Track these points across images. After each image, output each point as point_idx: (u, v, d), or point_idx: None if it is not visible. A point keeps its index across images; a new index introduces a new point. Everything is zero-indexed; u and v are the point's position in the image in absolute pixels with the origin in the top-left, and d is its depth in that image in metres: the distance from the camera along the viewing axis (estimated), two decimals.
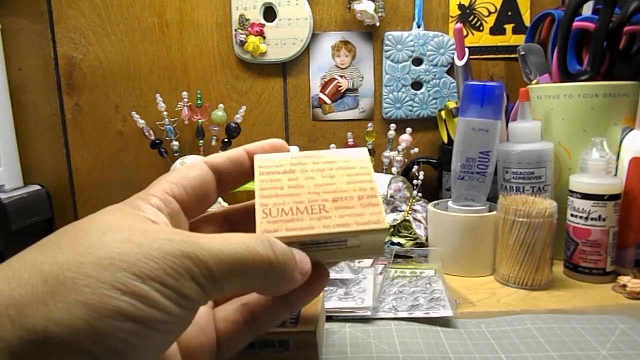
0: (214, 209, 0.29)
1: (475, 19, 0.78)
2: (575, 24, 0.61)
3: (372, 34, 0.79)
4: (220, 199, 0.69)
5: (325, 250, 0.26)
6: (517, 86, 0.65)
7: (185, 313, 0.19)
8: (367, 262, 0.56)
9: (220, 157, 0.26)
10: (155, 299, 0.17)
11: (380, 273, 0.53)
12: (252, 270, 0.20)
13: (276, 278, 0.21)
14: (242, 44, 0.76)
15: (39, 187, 0.74)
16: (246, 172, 0.27)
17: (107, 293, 0.16)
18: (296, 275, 0.22)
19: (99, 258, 0.17)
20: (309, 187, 0.27)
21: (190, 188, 0.24)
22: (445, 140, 0.75)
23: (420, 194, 0.67)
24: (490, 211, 0.58)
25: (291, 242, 0.24)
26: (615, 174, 0.55)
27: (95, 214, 0.20)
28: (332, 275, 0.51)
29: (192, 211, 0.25)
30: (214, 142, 0.75)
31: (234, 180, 0.27)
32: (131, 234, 0.19)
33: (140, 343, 0.17)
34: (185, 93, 0.74)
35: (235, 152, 0.27)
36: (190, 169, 0.25)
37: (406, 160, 0.73)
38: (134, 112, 0.74)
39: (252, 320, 0.24)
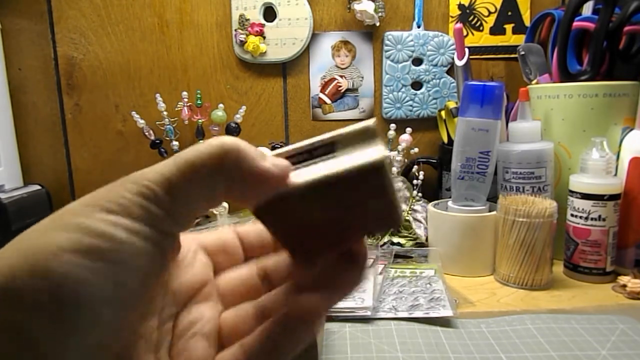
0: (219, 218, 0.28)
1: (475, 19, 0.78)
2: (575, 24, 0.61)
3: (372, 34, 0.79)
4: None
5: (315, 166, 0.21)
6: (517, 86, 0.65)
7: (139, 240, 0.18)
8: (367, 262, 0.56)
9: (247, 228, 0.25)
10: (101, 229, 0.17)
11: (380, 273, 0.53)
12: (207, 162, 0.19)
13: (235, 163, 0.19)
14: (242, 44, 0.76)
15: (39, 187, 0.74)
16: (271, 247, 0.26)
17: (50, 234, 0.17)
18: (265, 163, 0.20)
19: (55, 214, 0.18)
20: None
21: (214, 244, 0.25)
22: (445, 140, 0.75)
23: (420, 194, 0.67)
24: (490, 211, 0.58)
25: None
26: (615, 174, 0.55)
27: None
28: None
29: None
30: None
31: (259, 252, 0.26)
32: (94, 191, 0.19)
33: (94, 276, 0.16)
34: (185, 93, 0.74)
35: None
36: (219, 231, 0.25)
37: (406, 160, 0.72)
38: (134, 112, 0.74)
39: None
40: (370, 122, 0.21)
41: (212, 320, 0.24)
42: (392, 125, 0.71)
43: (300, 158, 0.21)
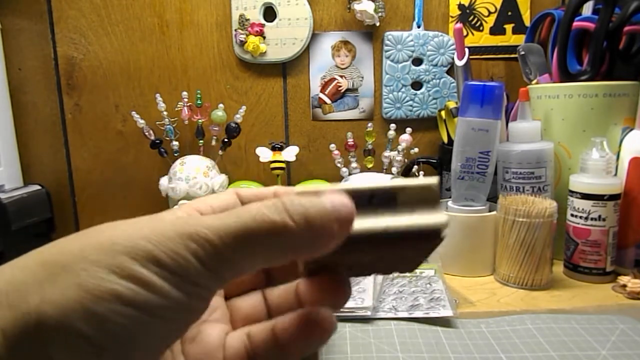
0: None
1: (475, 19, 0.78)
2: (575, 24, 0.61)
3: (372, 34, 0.79)
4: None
5: (372, 215, 0.21)
6: (517, 86, 0.65)
7: (189, 298, 0.17)
8: None
9: (249, 192, 0.24)
10: (153, 282, 0.16)
11: None
12: (264, 238, 0.18)
13: (303, 239, 0.18)
14: (242, 44, 0.76)
15: (39, 187, 0.74)
16: None
17: (103, 276, 0.16)
18: (331, 226, 0.18)
19: (100, 242, 0.17)
20: None
21: (217, 208, 0.23)
22: (445, 140, 0.75)
23: None
24: (490, 211, 0.58)
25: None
26: (615, 174, 0.55)
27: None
28: None
29: None
30: (214, 142, 0.75)
31: None
32: (138, 221, 0.18)
33: (141, 330, 0.16)
34: (185, 93, 0.74)
35: (265, 191, 0.24)
36: (220, 195, 0.23)
37: (406, 160, 0.72)
38: (134, 112, 0.74)
39: (253, 354, 0.22)
40: (433, 181, 0.21)
41: (220, 306, 0.24)
42: (392, 125, 0.71)
43: (359, 201, 0.20)
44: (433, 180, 0.21)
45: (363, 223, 0.20)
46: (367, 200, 0.21)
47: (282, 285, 0.25)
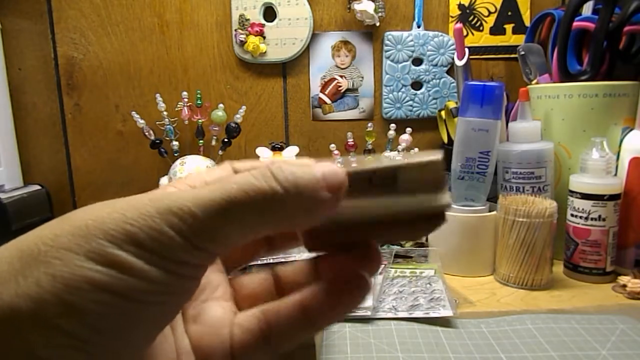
0: None
1: (475, 19, 0.78)
2: (575, 24, 0.61)
3: (372, 34, 0.79)
4: None
5: (372, 197, 0.20)
6: (517, 86, 0.65)
7: (175, 278, 0.16)
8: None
9: (244, 165, 0.23)
10: (132, 264, 0.15)
11: (380, 273, 0.53)
12: (252, 207, 0.17)
13: (293, 208, 0.17)
14: (242, 44, 0.76)
15: (39, 187, 0.74)
16: None
17: (78, 263, 0.15)
18: (322, 194, 0.17)
19: (74, 228, 0.16)
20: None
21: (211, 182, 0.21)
22: (445, 140, 0.75)
23: None
24: (490, 211, 0.58)
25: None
26: (615, 174, 0.55)
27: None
28: None
29: None
30: (214, 142, 0.75)
31: None
32: (115, 203, 0.17)
33: (126, 318, 0.15)
34: (185, 93, 0.74)
35: (261, 164, 0.22)
36: (215, 169, 0.22)
37: None
38: (134, 112, 0.74)
39: (269, 332, 0.21)
40: (437, 156, 0.20)
41: (222, 283, 0.23)
42: (392, 125, 0.71)
43: (359, 182, 0.20)
44: (437, 155, 0.20)
45: (360, 203, 0.19)
46: (368, 181, 0.20)
47: (296, 263, 0.24)
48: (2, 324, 0.14)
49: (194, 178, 0.21)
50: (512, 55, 0.78)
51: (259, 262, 0.24)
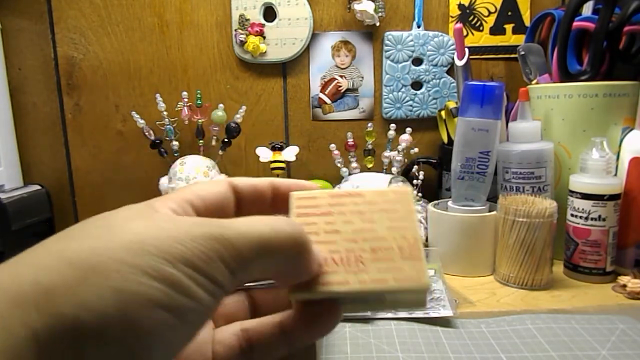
0: None
1: (475, 19, 0.78)
2: (575, 24, 0.61)
3: (372, 34, 0.79)
4: None
5: (363, 304, 0.25)
6: (517, 86, 0.65)
7: (213, 301, 0.18)
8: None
9: (245, 182, 0.24)
10: (187, 285, 0.16)
11: None
12: (279, 248, 0.19)
13: (297, 256, 0.20)
14: (242, 44, 0.76)
15: (39, 187, 0.74)
16: (267, 204, 0.25)
17: (138, 279, 0.15)
18: (313, 263, 0.21)
19: (127, 242, 0.16)
20: (347, 232, 0.24)
21: (209, 202, 0.22)
22: (445, 140, 0.75)
23: (420, 194, 0.67)
24: (490, 211, 0.58)
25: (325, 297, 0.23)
26: (615, 174, 0.55)
27: (115, 210, 0.19)
28: None
29: None
30: (214, 142, 0.75)
31: (252, 209, 0.25)
32: (158, 220, 0.18)
33: (169, 332, 0.16)
34: (185, 93, 0.74)
35: (262, 182, 0.25)
36: (212, 184, 0.23)
37: (406, 160, 0.72)
38: (134, 112, 0.74)
39: (249, 350, 0.22)
40: (422, 281, 0.23)
41: None
42: (392, 125, 0.71)
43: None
44: (425, 283, 0.22)
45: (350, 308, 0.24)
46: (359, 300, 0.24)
47: (274, 288, 0.26)
48: (64, 335, 0.14)
49: (191, 195, 0.22)
50: (512, 55, 0.78)
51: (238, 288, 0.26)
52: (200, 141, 0.75)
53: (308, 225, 0.24)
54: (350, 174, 0.72)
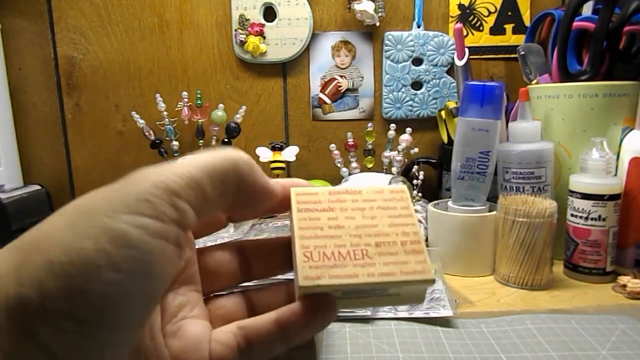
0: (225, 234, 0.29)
1: (475, 19, 0.78)
2: (575, 24, 0.61)
3: (372, 34, 0.79)
4: None
5: (367, 298, 0.25)
6: (517, 86, 0.65)
7: (167, 245, 0.17)
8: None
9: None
10: (125, 232, 0.16)
11: None
12: (223, 171, 0.21)
13: (245, 177, 0.22)
14: (242, 44, 0.76)
15: (39, 187, 0.74)
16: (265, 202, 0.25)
17: (80, 243, 0.16)
18: (266, 183, 0.24)
19: (70, 213, 0.17)
20: (350, 228, 0.25)
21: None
22: (445, 140, 0.75)
23: (420, 194, 0.67)
24: (490, 211, 0.58)
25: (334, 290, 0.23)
26: (615, 174, 0.55)
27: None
28: None
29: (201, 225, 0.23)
30: (214, 142, 0.75)
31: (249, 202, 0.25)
32: (113, 186, 0.19)
33: (125, 295, 0.16)
34: (185, 93, 0.74)
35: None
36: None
37: (406, 160, 0.73)
38: (134, 112, 0.74)
39: (246, 347, 0.22)
40: (426, 275, 0.24)
41: (198, 303, 0.24)
42: (392, 125, 0.71)
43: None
44: (431, 274, 0.24)
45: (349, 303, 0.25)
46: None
47: (272, 286, 0.26)
48: (11, 312, 0.15)
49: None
50: (512, 55, 0.78)
51: (235, 290, 0.27)
52: (200, 141, 0.75)
53: (312, 220, 0.25)
54: (350, 174, 0.72)
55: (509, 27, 0.79)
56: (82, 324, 0.15)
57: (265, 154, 0.74)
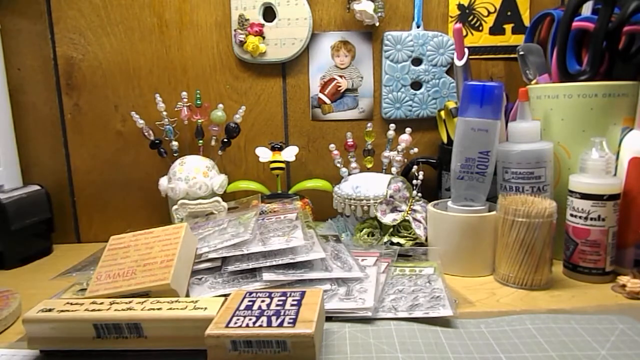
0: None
1: (475, 19, 0.78)
2: (575, 24, 0.61)
3: (371, 34, 0.79)
4: (219, 199, 0.69)
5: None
6: (517, 86, 0.65)
7: None
8: (370, 260, 0.56)
9: None
10: None
11: (384, 272, 0.53)
12: None
13: None
14: (242, 44, 0.76)
15: (38, 187, 0.74)
16: None
17: None
18: None
19: None
20: (134, 257, 0.40)
21: None
22: (445, 140, 0.75)
23: (419, 194, 0.67)
24: (490, 211, 0.58)
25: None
26: (615, 174, 0.55)
27: None
28: (336, 274, 0.51)
29: None
30: (213, 142, 0.75)
31: None
32: None
33: None
34: (184, 93, 0.74)
35: None
36: None
37: (406, 160, 0.73)
38: (133, 112, 0.74)
39: None
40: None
41: None
42: (392, 126, 0.71)
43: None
44: (167, 281, 0.38)
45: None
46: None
47: None
48: None
49: None
50: (512, 55, 0.78)
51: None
52: (200, 141, 0.75)
53: (111, 255, 0.41)
54: (349, 174, 0.72)
55: (508, 27, 0.79)
56: None
57: (264, 154, 0.74)
